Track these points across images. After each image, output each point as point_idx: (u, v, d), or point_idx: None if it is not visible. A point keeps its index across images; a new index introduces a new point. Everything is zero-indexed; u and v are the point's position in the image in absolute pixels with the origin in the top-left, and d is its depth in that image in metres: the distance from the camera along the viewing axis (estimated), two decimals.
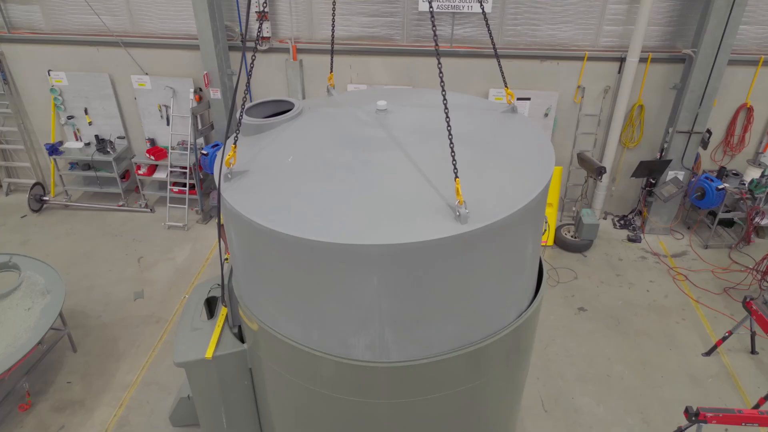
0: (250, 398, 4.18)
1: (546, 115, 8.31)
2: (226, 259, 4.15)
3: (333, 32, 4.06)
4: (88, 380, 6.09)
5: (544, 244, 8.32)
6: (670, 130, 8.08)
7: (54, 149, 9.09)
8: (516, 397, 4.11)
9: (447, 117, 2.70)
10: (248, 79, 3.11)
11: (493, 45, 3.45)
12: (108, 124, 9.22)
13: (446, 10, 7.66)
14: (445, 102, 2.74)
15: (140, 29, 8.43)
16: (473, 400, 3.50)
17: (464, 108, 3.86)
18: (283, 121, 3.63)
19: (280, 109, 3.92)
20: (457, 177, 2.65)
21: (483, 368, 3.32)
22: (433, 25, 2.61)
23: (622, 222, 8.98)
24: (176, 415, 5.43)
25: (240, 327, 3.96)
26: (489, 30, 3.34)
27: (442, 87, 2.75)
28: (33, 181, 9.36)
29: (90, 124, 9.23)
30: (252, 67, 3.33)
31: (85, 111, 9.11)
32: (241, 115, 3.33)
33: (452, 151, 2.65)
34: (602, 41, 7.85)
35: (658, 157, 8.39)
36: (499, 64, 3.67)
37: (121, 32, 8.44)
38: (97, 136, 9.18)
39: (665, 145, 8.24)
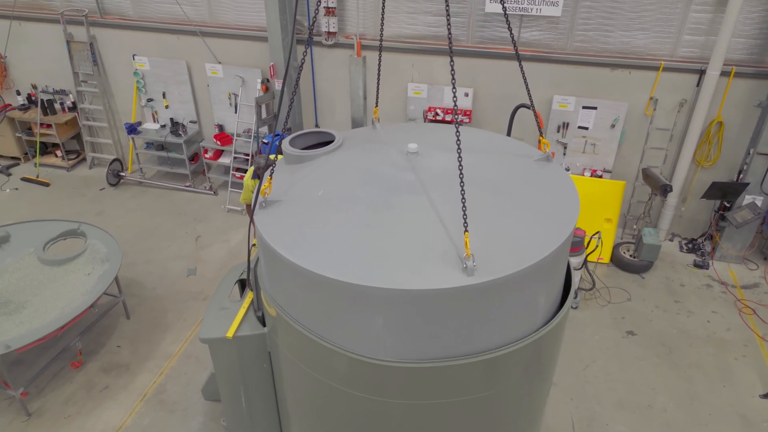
0: (269, 382, 4.28)
1: (613, 126, 7.92)
2: (254, 244, 4.29)
3: (379, 64, 4.07)
4: (136, 346, 6.49)
5: (598, 260, 7.95)
6: (751, 151, 7.47)
7: (133, 129, 9.72)
8: (536, 411, 3.96)
9: (460, 166, 2.82)
10: (299, 73, 3.26)
11: (515, 48, 3.34)
12: (182, 108, 9.75)
13: (514, 12, 7.47)
14: (459, 156, 2.83)
15: (217, 20, 8.84)
16: (489, 409, 3.41)
17: (497, 152, 3.89)
18: (321, 153, 3.85)
19: (323, 139, 4.17)
20: (466, 231, 2.71)
21: (499, 377, 3.25)
22: (449, 32, 2.56)
23: (690, 245, 8.41)
24: (208, 389, 5.66)
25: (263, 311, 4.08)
26: (510, 30, 3.23)
27: (457, 128, 2.84)
28: (113, 157, 10.07)
29: (167, 107, 9.79)
30: (302, 63, 3.56)
31: (163, 95, 9.68)
32: (278, 149, 3.66)
33: (463, 206, 2.74)
34: (681, 51, 7.37)
35: (736, 179, 7.78)
36: (527, 89, 3.55)
37: (199, 22, 8.89)
38: (171, 119, 9.73)
39: (744, 167, 7.63)
